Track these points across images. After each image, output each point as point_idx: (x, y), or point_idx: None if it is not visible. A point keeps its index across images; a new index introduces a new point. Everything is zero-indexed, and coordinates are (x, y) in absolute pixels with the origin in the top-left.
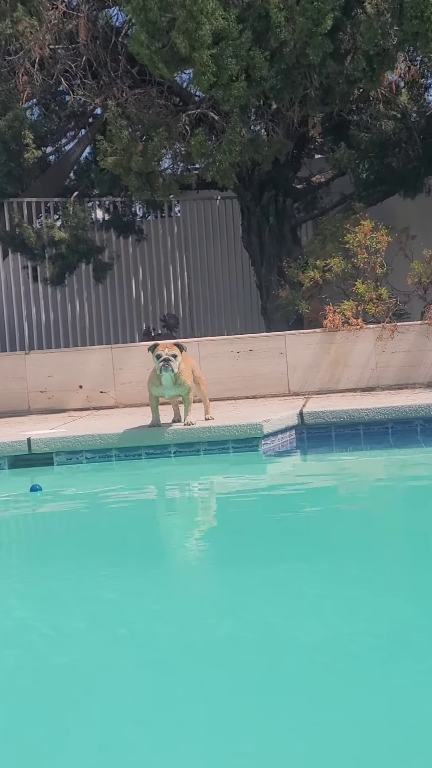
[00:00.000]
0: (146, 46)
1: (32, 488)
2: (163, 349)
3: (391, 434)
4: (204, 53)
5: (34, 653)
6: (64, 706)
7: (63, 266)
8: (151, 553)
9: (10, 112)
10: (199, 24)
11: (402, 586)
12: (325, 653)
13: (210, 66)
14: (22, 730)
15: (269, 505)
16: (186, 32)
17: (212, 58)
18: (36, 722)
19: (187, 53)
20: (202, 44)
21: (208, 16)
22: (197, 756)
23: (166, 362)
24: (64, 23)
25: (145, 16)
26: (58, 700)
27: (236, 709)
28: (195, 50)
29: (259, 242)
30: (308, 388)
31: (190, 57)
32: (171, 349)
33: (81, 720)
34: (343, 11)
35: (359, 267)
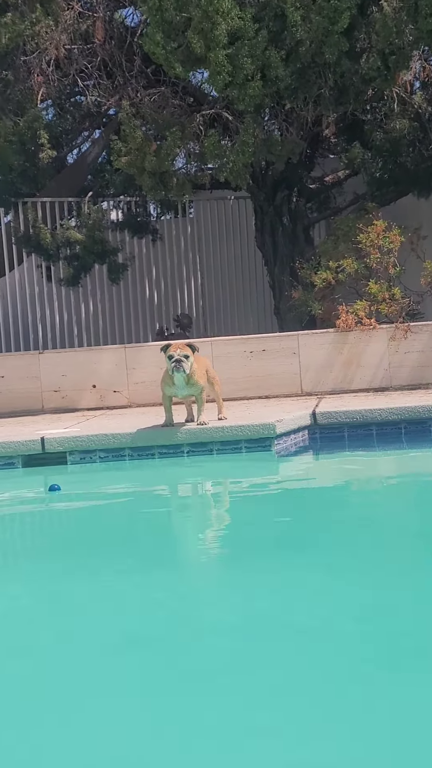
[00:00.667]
0: (162, 46)
1: (51, 488)
2: (176, 349)
3: (405, 435)
4: (219, 53)
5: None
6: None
7: (78, 267)
8: (162, 552)
9: (27, 112)
10: (215, 24)
11: (411, 585)
12: (336, 654)
13: (225, 66)
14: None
15: (281, 504)
16: (201, 32)
17: (227, 58)
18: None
19: (202, 53)
20: (218, 44)
21: (223, 16)
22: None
23: (177, 363)
24: (80, 23)
25: (161, 16)
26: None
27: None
28: (210, 50)
29: (272, 242)
30: (321, 388)
31: (206, 57)
32: (183, 349)
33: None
34: (359, 10)
35: (372, 267)
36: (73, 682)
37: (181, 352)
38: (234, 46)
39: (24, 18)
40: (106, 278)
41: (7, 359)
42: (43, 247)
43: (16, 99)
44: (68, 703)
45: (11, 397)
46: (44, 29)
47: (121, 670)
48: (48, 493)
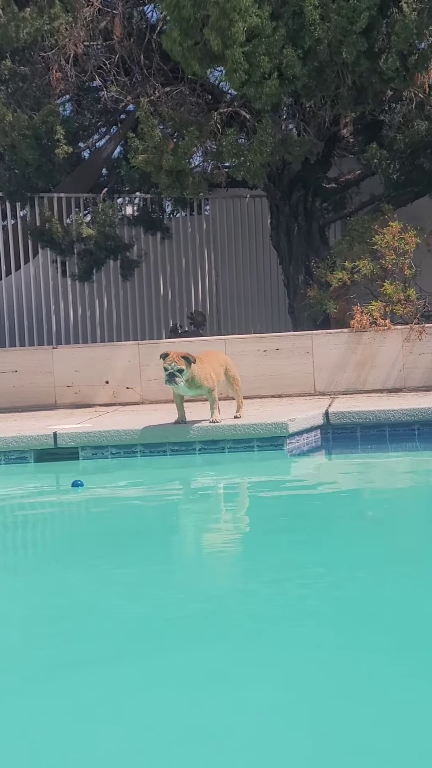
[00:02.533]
0: (179, 43)
1: (74, 483)
2: (171, 362)
3: (418, 436)
4: (237, 51)
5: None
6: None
7: (91, 262)
8: (166, 550)
9: (44, 107)
10: (233, 21)
11: (420, 587)
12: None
13: (242, 63)
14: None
15: (291, 504)
16: (219, 29)
17: (245, 56)
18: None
19: (219, 50)
20: (235, 42)
21: (241, 14)
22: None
23: (170, 377)
24: (99, 20)
25: (178, 13)
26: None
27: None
28: (227, 47)
29: (287, 241)
30: (334, 388)
31: (223, 54)
32: (178, 362)
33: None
34: (379, 10)
35: (387, 268)
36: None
37: (176, 366)
38: (251, 43)
39: (43, 13)
40: (119, 274)
41: (21, 354)
42: (56, 242)
43: (33, 94)
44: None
45: (24, 392)
46: (63, 25)
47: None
48: (71, 488)
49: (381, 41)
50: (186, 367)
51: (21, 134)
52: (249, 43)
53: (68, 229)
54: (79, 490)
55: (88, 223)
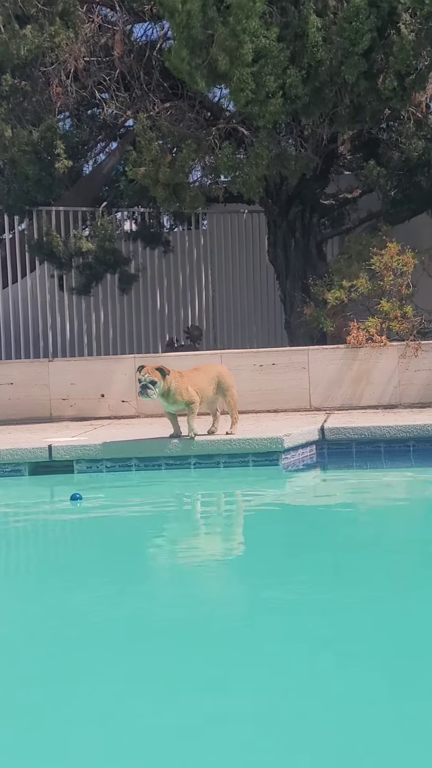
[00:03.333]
0: (187, 62)
1: (73, 496)
2: (144, 374)
3: (413, 453)
4: (244, 70)
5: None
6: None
7: (89, 276)
8: (154, 565)
9: (43, 122)
10: (241, 42)
11: (412, 602)
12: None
13: (249, 83)
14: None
15: (285, 520)
16: (227, 50)
17: (251, 76)
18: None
19: (226, 69)
20: (243, 62)
21: (250, 35)
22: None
23: (143, 389)
24: (99, 37)
25: (188, 33)
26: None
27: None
28: (235, 67)
29: (284, 256)
30: (330, 403)
31: (229, 74)
32: (152, 374)
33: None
34: (378, 31)
35: (385, 289)
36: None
37: (149, 378)
38: (258, 64)
39: (43, 30)
40: (117, 288)
41: (17, 366)
42: (56, 256)
43: (34, 109)
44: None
45: (20, 405)
46: (64, 41)
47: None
48: (70, 502)
49: (379, 62)
50: (159, 380)
51: (21, 149)
52: (256, 64)
53: (67, 243)
54: (78, 503)
55: (88, 237)
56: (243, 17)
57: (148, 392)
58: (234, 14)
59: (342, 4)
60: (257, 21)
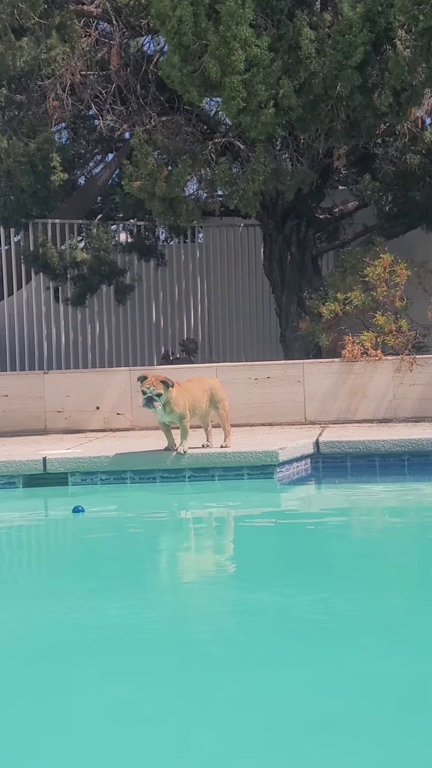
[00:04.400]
0: (178, 69)
1: (75, 509)
2: (149, 386)
3: (407, 467)
4: (235, 78)
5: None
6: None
7: (84, 287)
8: (150, 578)
9: (40, 135)
10: (232, 50)
11: (403, 623)
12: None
13: (240, 91)
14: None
15: (279, 533)
16: (218, 57)
17: (242, 84)
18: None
19: (217, 78)
20: (234, 70)
21: (241, 43)
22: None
23: (149, 401)
24: (96, 50)
25: (179, 40)
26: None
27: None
28: (226, 75)
29: (280, 270)
30: (325, 417)
31: (221, 82)
32: (156, 387)
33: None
34: (373, 46)
35: (379, 300)
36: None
37: (154, 390)
38: (249, 72)
39: (39, 43)
40: (112, 300)
41: (11, 378)
42: (51, 267)
43: (30, 122)
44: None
45: (15, 417)
46: (60, 55)
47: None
48: (72, 514)
49: (375, 77)
50: (164, 392)
51: (16, 161)
52: (247, 72)
53: (62, 254)
54: (80, 516)
55: (83, 248)
56: (233, 24)
57: (154, 404)
58: (224, 21)
59: (336, 18)
60: (248, 29)
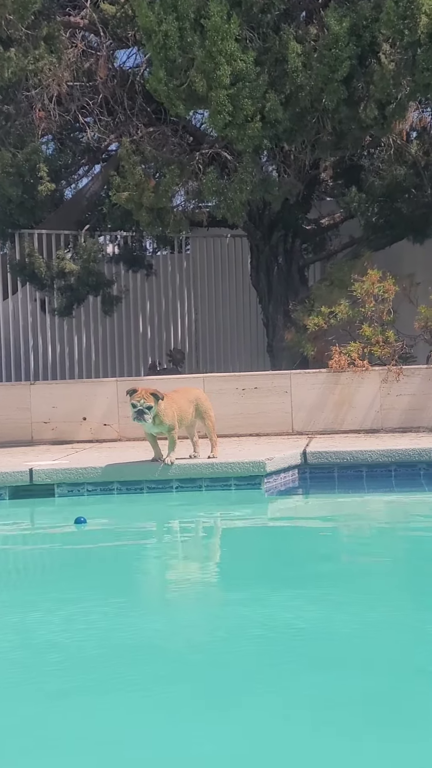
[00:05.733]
0: (164, 83)
1: (77, 520)
2: (139, 398)
3: (394, 477)
4: (221, 93)
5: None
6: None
7: (71, 298)
8: (133, 588)
9: (27, 145)
10: (218, 64)
11: (390, 627)
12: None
13: (226, 105)
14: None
15: (266, 544)
16: (204, 72)
17: (229, 98)
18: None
19: (204, 92)
20: (220, 84)
21: (227, 57)
22: None
23: (139, 414)
24: (83, 61)
25: (164, 54)
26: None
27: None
28: (212, 90)
29: (267, 281)
30: (312, 427)
31: (207, 96)
32: (147, 400)
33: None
34: (359, 60)
35: (366, 315)
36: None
37: (145, 403)
38: (235, 87)
39: (27, 54)
40: (100, 311)
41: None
42: (38, 277)
43: (17, 132)
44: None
45: (1, 428)
46: (47, 66)
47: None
48: (74, 525)
49: (360, 90)
50: (154, 404)
51: (4, 171)
52: (233, 87)
53: (50, 264)
54: (83, 527)
55: (71, 259)
56: (219, 39)
57: (145, 417)
58: (210, 36)
59: (322, 32)
60: (233, 43)
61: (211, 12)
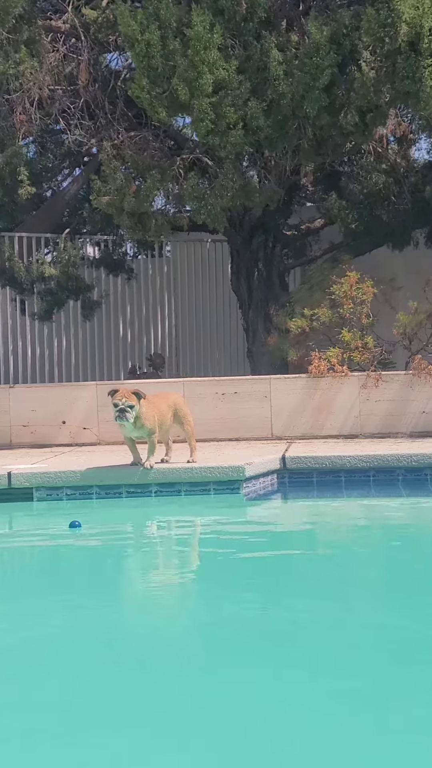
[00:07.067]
0: (147, 91)
1: (71, 524)
2: (121, 398)
3: (373, 482)
4: (203, 101)
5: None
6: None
7: (51, 302)
8: (111, 594)
9: (8, 149)
10: (200, 73)
11: (366, 631)
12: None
13: (209, 113)
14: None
15: (245, 548)
16: (187, 80)
17: (211, 106)
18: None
19: (186, 100)
20: (202, 92)
21: (209, 66)
22: None
23: (121, 412)
24: (64, 65)
25: (147, 63)
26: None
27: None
28: (195, 98)
29: (247, 286)
30: (291, 432)
31: (190, 104)
32: (128, 398)
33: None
34: (339, 67)
35: (345, 317)
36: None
37: (126, 402)
38: (218, 95)
39: (8, 58)
40: (79, 314)
41: None
42: (17, 281)
43: None
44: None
45: None
46: (28, 70)
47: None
48: (69, 529)
49: (341, 97)
50: (136, 404)
51: None
52: (216, 95)
53: (29, 268)
54: (78, 531)
55: (50, 263)
56: (201, 48)
57: (127, 416)
58: (192, 46)
59: (303, 40)
60: (216, 53)
61: (193, 21)
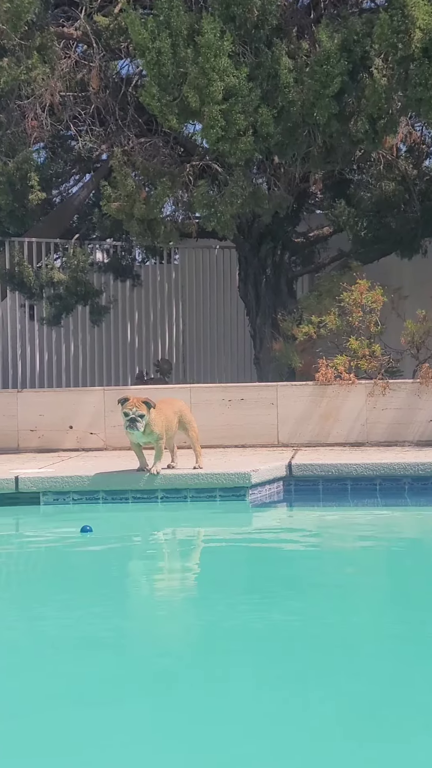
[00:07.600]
0: (158, 98)
1: (82, 529)
2: (132, 407)
3: (379, 491)
4: (214, 108)
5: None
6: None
7: (60, 307)
8: (114, 601)
9: (19, 154)
10: (211, 80)
11: (371, 639)
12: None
13: (219, 120)
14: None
15: (251, 556)
16: (197, 87)
17: (221, 113)
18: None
19: (197, 107)
20: (213, 100)
21: (220, 74)
22: None
23: (132, 422)
24: (76, 72)
25: (158, 70)
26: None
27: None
28: (205, 105)
29: (255, 293)
30: (298, 440)
31: (200, 111)
32: (139, 408)
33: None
34: (350, 75)
35: (354, 325)
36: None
37: (137, 411)
38: (228, 102)
39: (20, 63)
40: (88, 320)
41: None
42: (26, 286)
43: (9, 141)
44: None
45: None
46: (40, 76)
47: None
48: (80, 534)
49: (351, 104)
50: (146, 412)
51: None
52: (226, 102)
53: (38, 273)
54: (89, 536)
55: (59, 268)
56: (212, 56)
57: (137, 425)
58: (203, 53)
59: (314, 48)
60: (227, 60)
61: (204, 29)
